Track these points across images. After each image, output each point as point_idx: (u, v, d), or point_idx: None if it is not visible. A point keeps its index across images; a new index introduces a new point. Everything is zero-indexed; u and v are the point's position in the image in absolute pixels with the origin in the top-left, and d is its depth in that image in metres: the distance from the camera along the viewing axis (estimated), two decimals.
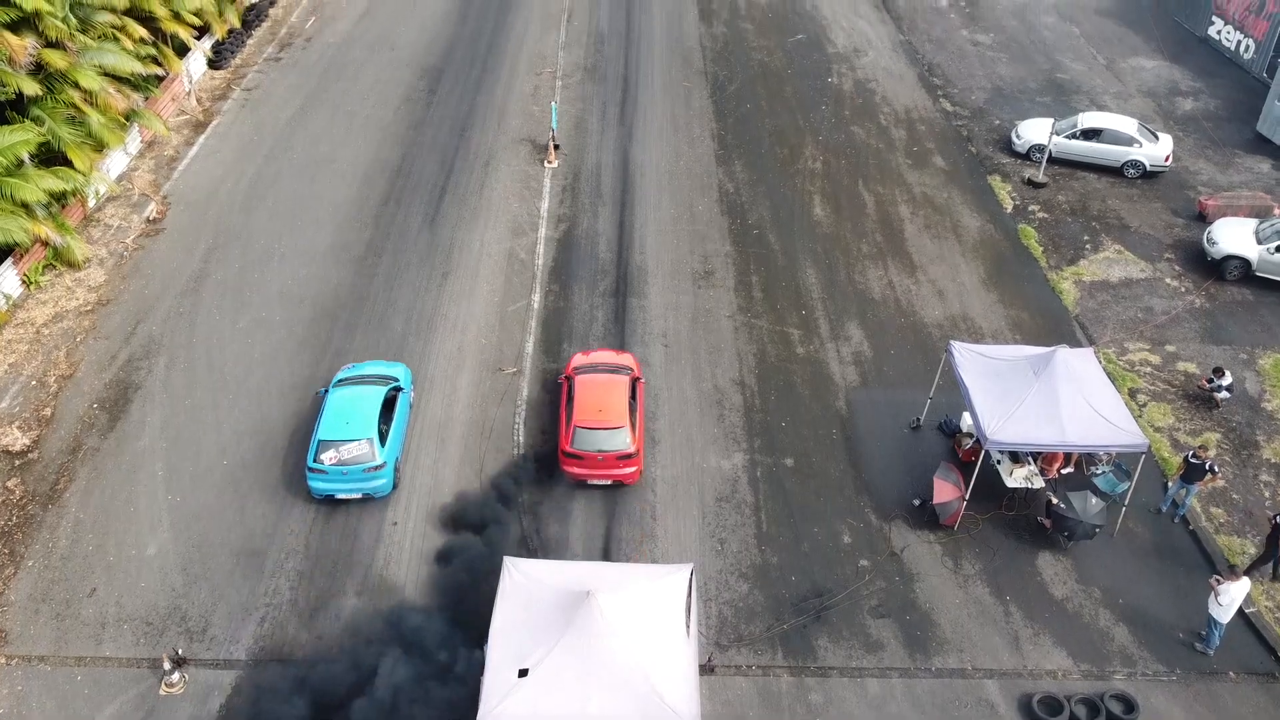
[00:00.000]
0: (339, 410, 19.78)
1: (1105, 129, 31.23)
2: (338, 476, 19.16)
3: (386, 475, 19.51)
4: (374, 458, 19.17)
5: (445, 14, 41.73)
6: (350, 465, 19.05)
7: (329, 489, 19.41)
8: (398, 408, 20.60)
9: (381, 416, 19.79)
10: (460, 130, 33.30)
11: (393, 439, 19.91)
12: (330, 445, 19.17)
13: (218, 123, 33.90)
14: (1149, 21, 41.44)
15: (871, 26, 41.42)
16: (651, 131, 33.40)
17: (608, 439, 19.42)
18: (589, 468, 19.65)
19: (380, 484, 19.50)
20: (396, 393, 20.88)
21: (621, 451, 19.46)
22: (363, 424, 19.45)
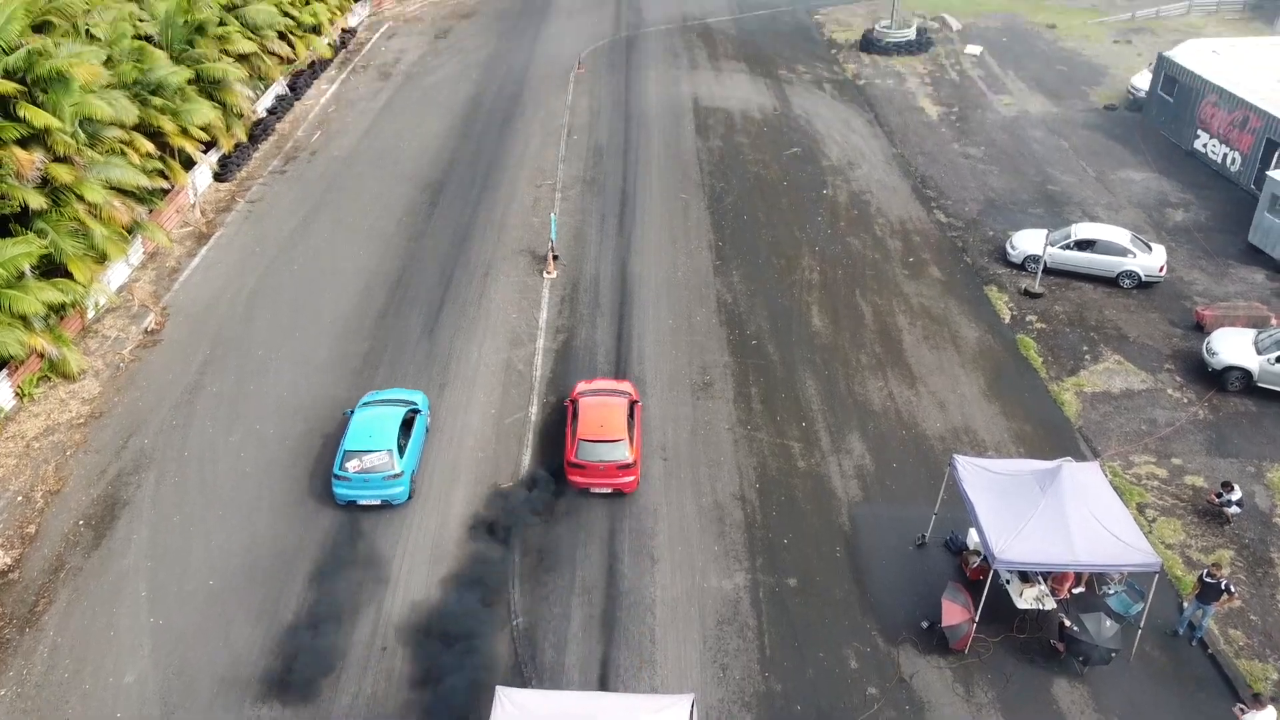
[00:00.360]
0: (363, 426, 22.42)
1: (1099, 240, 31.54)
2: (360, 483, 21.64)
3: (403, 484, 21.93)
4: (393, 467, 21.67)
5: (448, 130, 42.68)
6: (372, 473, 21.55)
7: (352, 495, 21.83)
8: (415, 427, 23.13)
9: (400, 433, 22.30)
10: (460, 241, 33.63)
11: (410, 453, 22.33)
12: (354, 455, 21.69)
13: (220, 234, 34.26)
14: (1135, 136, 42.37)
15: (864, 141, 42.32)
16: (650, 243, 33.74)
17: (608, 450, 21.85)
18: (591, 476, 22.07)
19: (398, 491, 21.91)
20: (414, 414, 23.47)
21: (621, 461, 21.90)
22: (384, 438, 21.98)
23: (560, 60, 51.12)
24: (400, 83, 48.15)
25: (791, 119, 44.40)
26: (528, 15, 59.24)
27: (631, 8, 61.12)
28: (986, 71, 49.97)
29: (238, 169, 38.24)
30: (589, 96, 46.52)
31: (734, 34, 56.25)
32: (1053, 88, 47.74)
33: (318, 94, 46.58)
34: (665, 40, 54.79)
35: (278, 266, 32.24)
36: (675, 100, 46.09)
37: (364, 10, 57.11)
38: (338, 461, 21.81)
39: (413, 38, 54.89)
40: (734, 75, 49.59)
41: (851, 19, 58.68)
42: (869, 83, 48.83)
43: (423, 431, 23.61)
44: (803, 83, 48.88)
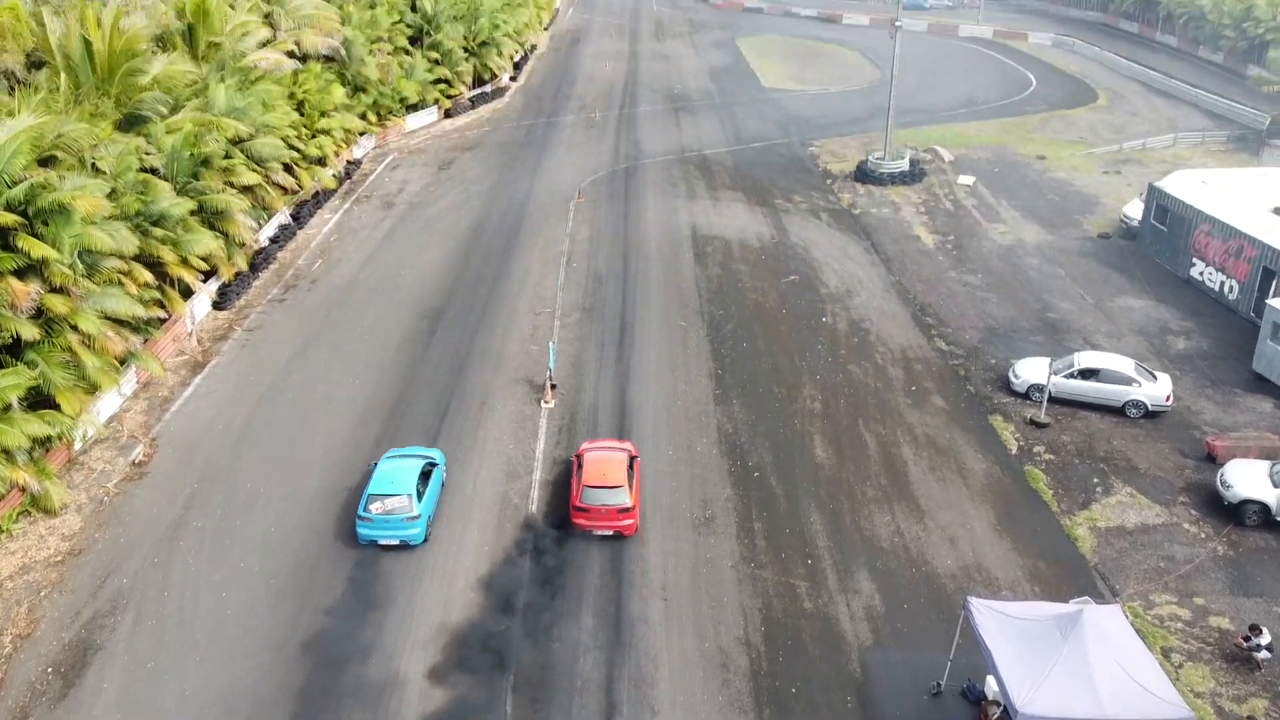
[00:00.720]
0: (385, 474, 24.89)
1: (1103, 369, 31.23)
2: (382, 524, 23.92)
3: (420, 526, 24.20)
4: (412, 509, 23.96)
5: (449, 257, 43.00)
6: (392, 515, 23.86)
7: (373, 535, 24.05)
8: (432, 478, 25.52)
9: (419, 481, 24.67)
10: (458, 369, 33.31)
11: (427, 500, 24.69)
12: (378, 498, 24.04)
13: (216, 363, 33.95)
14: (1131, 264, 42.70)
15: (862, 268, 42.59)
16: (649, 371, 33.41)
17: (609, 495, 24.32)
18: (594, 519, 24.35)
19: (415, 532, 24.14)
20: (432, 467, 25.94)
21: (621, 505, 24.27)
22: (404, 484, 24.38)
23: (560, 190, 52.04)
24: (402, 212, 48.85)
25: (789, 247, 44.82)
26: (529, 147, 60.71)
27: (630, 140, 62.74)
28: (980, 201, 50.81)
29: (237, 297, 38.25)
30: (589, 225, 47.11)
31: (730, 165, 57.50)
32: (1046, 217, 48.44)
33: (320, 223, 47.16)
34: (664, 171, 55.96)
35: (272, 395, 31.80)
36: (674, 229, 46.65)
37: (369, 142, 58.49)
38: (362, 504, 24.15)
39: (416, 169, 56.04)
40: (731, 204, 50.38)
41: (845, 150, 60.14)
42: (865, 212, 49.57)
43: (439, 483, 26.00)
44: (799, 212, 49.62)
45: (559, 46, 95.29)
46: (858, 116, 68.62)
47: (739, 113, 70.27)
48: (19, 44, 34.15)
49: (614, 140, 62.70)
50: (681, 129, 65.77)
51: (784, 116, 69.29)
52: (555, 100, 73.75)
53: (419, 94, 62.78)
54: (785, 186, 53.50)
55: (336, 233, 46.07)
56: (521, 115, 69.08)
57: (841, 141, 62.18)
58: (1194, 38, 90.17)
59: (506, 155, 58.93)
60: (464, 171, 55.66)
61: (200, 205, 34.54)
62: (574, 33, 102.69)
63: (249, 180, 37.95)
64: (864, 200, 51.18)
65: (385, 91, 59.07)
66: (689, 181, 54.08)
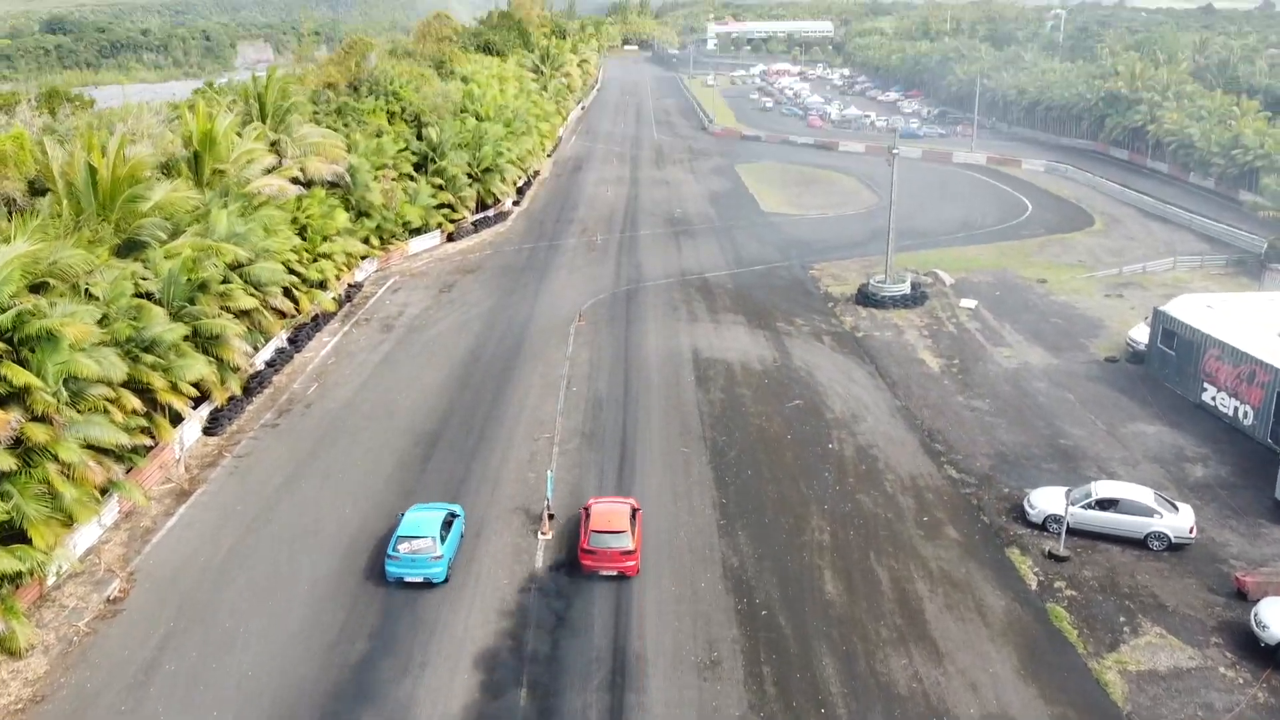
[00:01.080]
0: (412, 520, 27.94)
1: (1122, 499, 30.08)
2: (408, 562, 26.83)
3: (442, 566, 27.09)
4: (435, 550, 26.96)
5: (446, 381, 42.36)
6: (418, 555, 26.77)
7: (400, 573, 26.91)
8: (453, 527, 28.55)
9: (442, 528, 27.67)
10: (452, 499, 32.10)
11: (448, 544, 27.65)
12: (405, 540, 27.06)
13: (203, 491, 32.85)
14: (1141, 388, 41.97)
15: (867, 392, 41.85)
16: (650, 500, 32.21)
17: (613, 539, 27.29)
18: (600, 561, 27.27)
19: (437, 571, 27.01)
20: (454, 518, 28.99)
21: (623, 548, 27.21)
22: (429, 529, 27.41)
23: (561, 313, 51.86)
24: (401, 335, 48.50)
25: (792, 371, 44.21)
26: (530, 270, 60.94)
27: (631, 263, 63.06)
28: (983, 324, 50.49)
29: (229, 422, 37.41)
30: (589, 348, 46.65)
31: (731, 287, 57.51)
32: (1051, 340, 48.00)
33: (318, 346, 46.73)
34: (665, 294, 55.94)
35: (258, 526, 30.58)
36: (675, 352, 46.15)
37: (371, 265, 58.72)
38: (391, 545, 27.11)
39: (417, 291, 56.06)
40: (733, 327, 50.06)
41: (845, 273, 60.28)
42: (867, 335, 49.19)
43: (459, 533, 28.97)
44: (801, 335, 49.25)
45: (561, 172, 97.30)
46: (857, 240, 69.23)
47: (739, 236, 70.93)
48: (21, 171, 34.35)
49: (615, 263, 63.02)
50: (682, 252, 66.22)
51: (784, 240, 69.91)
52: (557, 224, 74.65)
53: (422, 218, 63.48)
54: (787, 309, 53.33)
55: (334, 356, 45.58)
56: (524, 239, 69.75)
57: (842, 264, 62.42)
58: (1184, 164, 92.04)
59: (508, 278, 59.08)
60: (465, 294, 55.64)
61: (195, 330, 34.09)
62: (576, 159, 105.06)
63: (246, 305, 37.62)
64: (866, 323, 50.88)
65: (388, 216, 59.70)
66: (690, 304, 53.96)
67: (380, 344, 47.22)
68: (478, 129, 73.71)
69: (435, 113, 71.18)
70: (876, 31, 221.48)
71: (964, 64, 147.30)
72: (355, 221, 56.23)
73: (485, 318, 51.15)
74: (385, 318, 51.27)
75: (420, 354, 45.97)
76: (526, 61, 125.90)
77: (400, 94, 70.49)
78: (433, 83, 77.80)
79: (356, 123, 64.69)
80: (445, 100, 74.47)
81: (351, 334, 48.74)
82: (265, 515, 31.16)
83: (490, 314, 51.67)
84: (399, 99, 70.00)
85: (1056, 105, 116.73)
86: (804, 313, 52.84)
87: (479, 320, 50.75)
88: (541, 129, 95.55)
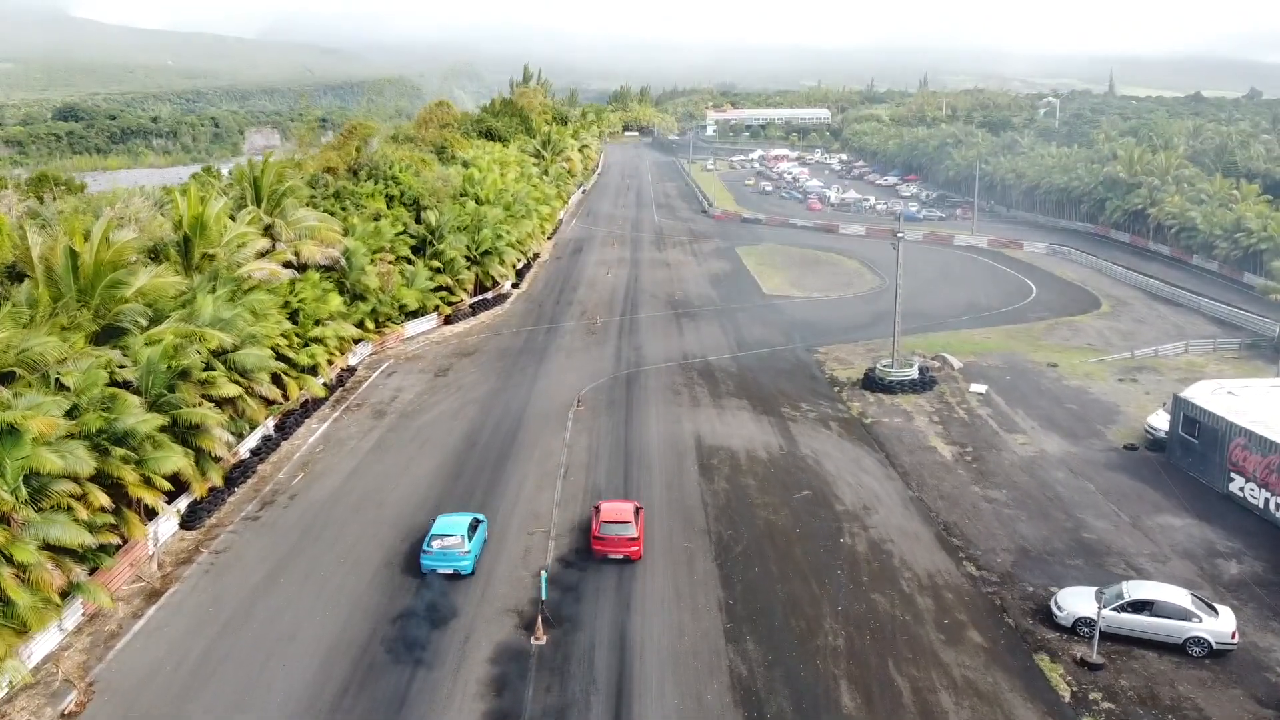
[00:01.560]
0: (444, 523, 32.52)
1: (1157, 601, 28.07)
2: (440, 556, 31.16)
3: (469, 560, 31.46)
4: (464, 546, 31.37)
5: (438, 470, 40.61)
6: (449, 550, 31.23)
7: (434, 564, 31.06)
8: (478, 530, 32.98)
9: (469, 529, 32.26)
10: (439, 599, 30.07)
11: (474, 542, 32.03)
12: (438, 537, 31.59)
13: (175, 590, 30.86)
14: (1163, 478, 40.16)
15: (878, 482, 40.03)
16: (652, 601, 30.22)
17: (620, 529, 32.35)
18: (609, 546, 32.18)
19: (465, 564, 31.28)
20: (478, 523, 33.42)
21: (629, 536, 32.22)
22: (458, 529, 32.01)
23: (559, 398, 50.35)
24: (394, 421, 46.90)
25: (799, 459, 42.44)
26: (528, 353, 59.65)
27: (632, 345, 61.81)
28: (995, 410, 48.89)
29: (208, 515, 35.57)
30: (588, 435, 44.99)
31: (734, 371, 56.12)
32: (1066, 427, 46.33)
33: (307, 433, 45.09)
34: (666, 377, 54.51)
35: (231, 631, 28.51)
36: (677, 439, 44.47)
37: (365, 349, 57.45)
38: (425, 542, 31.60)
39: (412, 375, 54.65)
40: (737, 413, 48.47)
41: (851, 357, 58.95)
42: (876, 421, 47.55)
43: (483, 535, 33.38)
44: (808, 421, 47.61)
45: (561, 254, 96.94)
46: (861, 323, 68.14)
47: (741, 319, 69.88)
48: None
49: (615, 346, 61.77)
50: (684, 335, 65.05)
51: (787, 322, 68.81)
52: (557, 306, 73.71)
53: (419, 301, 62.46)
54: (792, 394, 51.81)
55: (323, 444, 43.90)
56: (522, 321, 68.69)
57: (847, 348, 61.13)
58: (1187, 246, 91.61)
59: (505, 362, 57.75)
60: (461, 378, 54.22)
61: (174, 419, 32.47)
62: (577, 241, 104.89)
63: (230, 392, 36.09)
64: (874, 409, 49.29)
65: (384, 299, 58.65)
66: (692, 389, 52.47)
67: (371, 431, 45.59)
68: (477, 212, 73.31)
69: (434, 196, 70.83)
70: (873, 118, 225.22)
71: (961, 149, 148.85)
72: (350, 305, 55.15)
73: (481, 403, 49.62)
74: (378, 403, 49.73)
75: (412, 441, 44.31)
76: (528, 147, 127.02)
77: (399, 178, 70.25)
78: (433, 167, 77.82)
79: (354, 206, 64.23)
80: (445, 184, 74.27)
81: (342, 420, 47.14)
82: (239, 619, 29.12)
83: (486, 399, 50.16)
84: (398, 183, 69.72)
85: (1055, 189, 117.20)
86: (810, 398, 51.30)
87: (474, 406, 49.21)
88: (542, 212, 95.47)
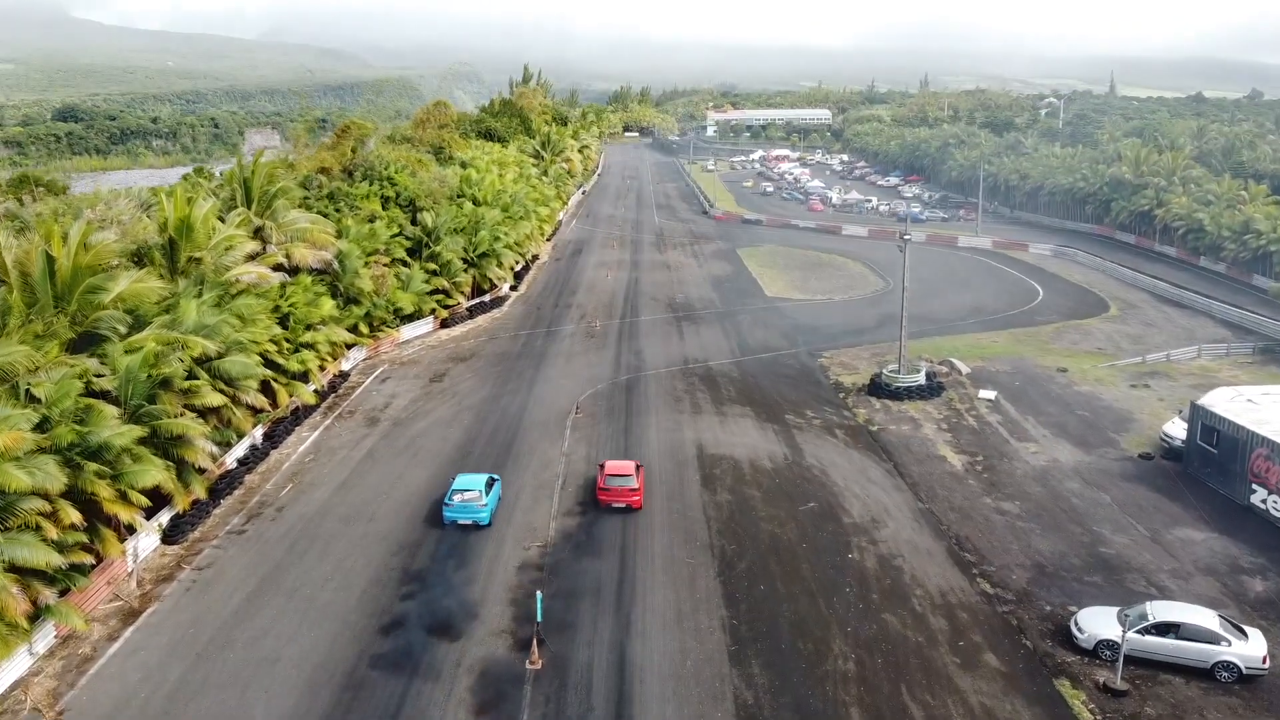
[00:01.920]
0: (463, 480, 35.71)
1: (1183, 623, 26.75)
2: (460, 509, 34.52)
3: (486, 512, 34.77)
4: (481, 500, 34.70)
5: (431, 481, 39.23)
6: (468, 503, 34.55)
7: (455, 516, 34.50)
8: (494, 487, 36.41)
9: (486, 486, 35.51)
10: (432, 624, 28.75)
11: (491, 498, 35.40)
12: (459, 491, 34.84)
13: (154, 610, 29.53)
14: (1181, 489, 38.84)
15: (886, 494, 38.69)
16: (653, 621, 28.89)
17: (622, 480, 36.21)
18: (612, 496, 35.98)
19: (482, 515, 34.59)
20: (494, 481, 36.86)
21: (630, 487, 36.04)
22: (476, 485, 35.27)
23: (557, 404, 49.04)
24: (387, 429, 45.57)
25: (804, 468, 41.11)
26: (526, 358, 58.34)
27: (632, 350, 60.49)
28: (1005, 417, 47.57)
29: (191, 528, 34.24)
30: (586, 443, 43.65)
31: (737, 376, 54.81)
32: (1079, 435, 45.00)
33: (297, 442, 43.76)
34: (666, 383, 53.17)
35: (211, 653, 27.18)
36: (678, 448, 43.13)
37: (359, 354, 56.12)
38: (447, 496, 34.98)
39: (406, 381, 53.32)
40: (739, 420, 47.14)
41: (856, 361, 57.65)
42: (883, 429, 46.22)
43: (498, 491, 36.92)
44: (812, 429, 46.28)
45: (561, 256, 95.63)
46: (865, 326, 66.85)
47: (743, 322, 68.58)
48: None
49: (614, 351, 60.45)
50: (685, 339, 63.73)
51: (789, 326, 67.50)
52: (555, 309, 72.42)
53: (415, 304, 61.13)
54: (796, 400, 50.49)
55: (313, 453, 42.57)
56: (520, 325, 67.38)
57: (851, 352, 59.81)
58: (1194, 248, 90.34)
59: (502, 366, 56.42)
60: (456, 384, 52.89)
61: (154, 431, 31.13)
62: (576, 243, 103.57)
63: (214, 401, 34.71)
64: (881, 416, 47.96)
65: (379, 303, 57.32)
66: (693, 395, 51.13)
67: (363, 439, 44.26)
68: (474, 213, 72.01)
69: (431, 198, 69.51)
70: (874, 119, 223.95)
71: (964, 149, 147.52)
72: (344, 309, 53.83)
73: (477, 409, 48.29)
74: (371, 410, 48.40)
75: (405, 450, 42.97)
76: (527, 147, 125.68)
77: (395, 179, 68.92)
78: (430, 168, 76.46)
79: (349, 208, 62.89)
80: (442, 185, 72.95)
81: (333, 428, 45.81)
82: (220, 641, 27.77)
83: (482, 405, 48.81)
84: (394, 184, 68.39)
85: (1060, 190, 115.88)
86: (814, 404, 49.97)
87: (470, 413, 47.87)
88: (540, 213, 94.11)
